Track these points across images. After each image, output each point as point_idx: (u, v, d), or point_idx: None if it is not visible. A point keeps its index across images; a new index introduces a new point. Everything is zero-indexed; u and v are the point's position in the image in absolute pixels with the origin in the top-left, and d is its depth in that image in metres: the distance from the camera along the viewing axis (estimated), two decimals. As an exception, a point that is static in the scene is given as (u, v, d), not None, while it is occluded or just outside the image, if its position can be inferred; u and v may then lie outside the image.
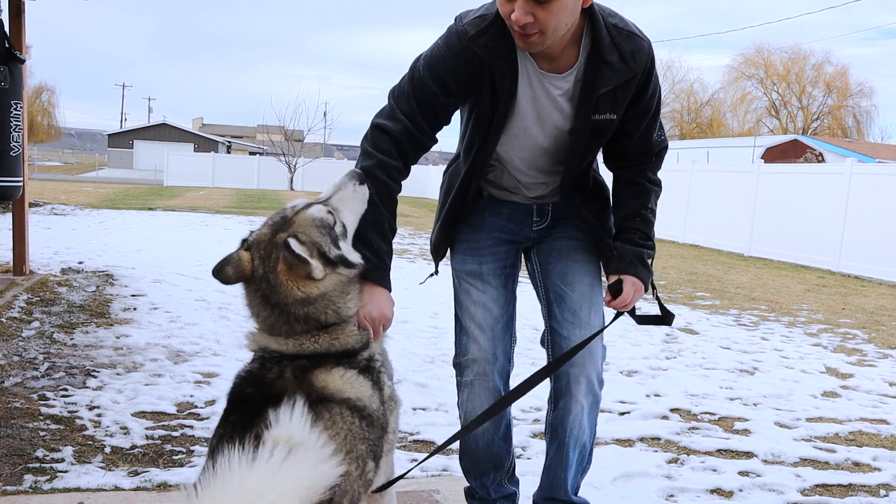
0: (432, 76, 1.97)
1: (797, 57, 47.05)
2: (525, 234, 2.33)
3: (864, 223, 11.91)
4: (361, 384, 1.70)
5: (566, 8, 1.83)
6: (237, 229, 14.20)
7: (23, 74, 5.98)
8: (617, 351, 5.68)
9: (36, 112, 52.67)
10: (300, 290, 1.68)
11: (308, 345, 1.70)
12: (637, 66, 2.00)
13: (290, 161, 40.26)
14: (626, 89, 2.01)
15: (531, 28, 1.83)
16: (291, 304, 1.68)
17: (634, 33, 2.01)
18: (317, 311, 1.70)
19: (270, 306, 1.69)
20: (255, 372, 1.69)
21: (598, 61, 1.96)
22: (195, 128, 71.91)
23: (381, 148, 1.98)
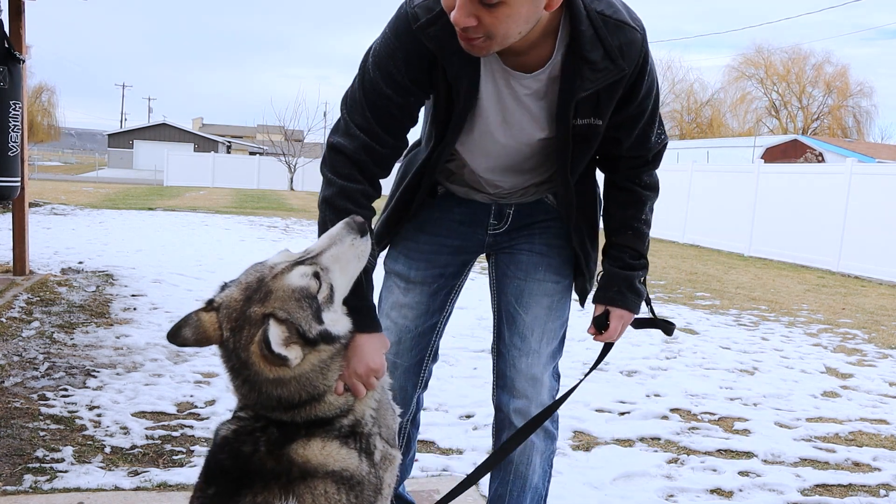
0: (383, 76, 1.69)
1: (797, 57, 47.08)
2: (478, 238, 2.07)
3: (864, 223, 11.92)
4: (345, 454, 1.52)
5: (517, 15, 1.50)
6: (237, 229, 14.20)
7: (22, 74, 5.98)
8: (617, 351, 5.65)
9: (36, 112, 52.66)
10: (273, 373, 1.47)
11: (278, 415, 1.53)
12: (626, 64, 1.66)
13: (290, 161, 40.26)
14: (612, 91, 1.70)
15: (475, 32, 1.52)
16: (263, 383, 1.49)
17: (625, 23, 1.65)
18: (290, 393, 1.50)
19: (241, 380, 1.52)
20: (230, 440, 1.53)
21: (578, 59, 1.63)
22: (195, 128, 71.92)
23: (341, 172, 1.73)
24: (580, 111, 1.72)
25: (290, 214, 19.65)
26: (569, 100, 1.68)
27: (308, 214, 19.91)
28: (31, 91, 47.78)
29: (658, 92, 1.85)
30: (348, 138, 1.74)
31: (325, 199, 1.74)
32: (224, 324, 1.48)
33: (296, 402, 1.52)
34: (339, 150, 1.75)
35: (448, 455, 3.38)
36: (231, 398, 3.86)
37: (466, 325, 6.03)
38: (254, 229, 14.44)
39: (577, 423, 3.91)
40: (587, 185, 2.01)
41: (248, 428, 1.54)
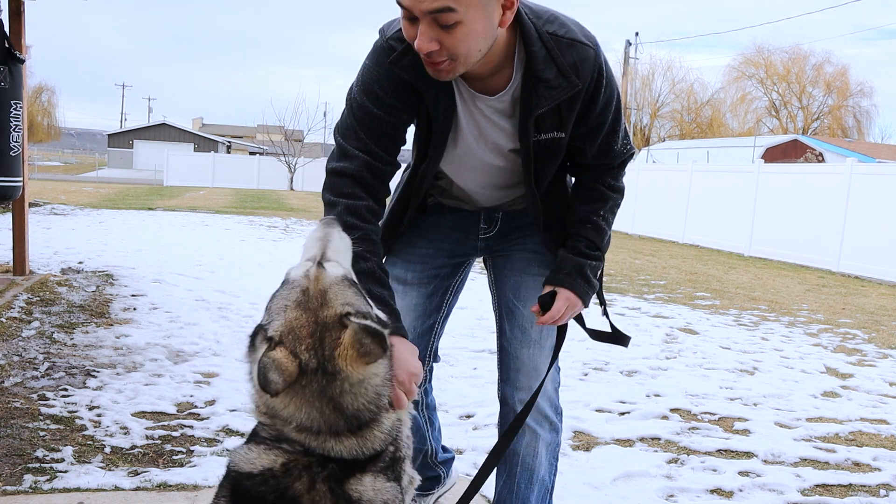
0: (371, 100, 1.79)
1: (797, 57, 47.09)
2: (471, 243, 2.17)
3: (864, 223, 11.92)
4: (390, 489, 1.45)
5: (475, 32, 1.60)
6: (237, 229, 14.21)
7: (23, 74, 5.98)
8: (617, 351, 5.68)
9: (36, 112, 52.68)
10: (359, 375, 1.38)
11: (332, 444, 1.40)
12: (581, 80, 1.77)
13: (290, 161, 40.27)
14: (570, 105, 1.80)
15: (438, 56, 1.62)
16: (346, 392, 1.38)
17: (576, 41, 1.77)
18: (364, 404, 1.41)
19: (323, 402, 1.38)
20: (277, 475, 1.37)
21: (533, 79, 1.75)
22: (195, 128, 71.96)
23: (343, 192, 1.78)
24: (543, 126, 1.83)
25: (290, 214, 19.65)
26: (527, 117, 1.80)
27: (308, 214, 19.92)
28: (31, 91, 47.77)
29: (619, 103, 1.92)
30: (347, 160, 1.81)
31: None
32: (298, 348, 1.36)
33: (365, 418, 1.42)
34: (339, 172, 1.81)
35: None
36: (230, 398, 3.87)
37: (466, 325, 6.04)
38: (254, 229, 14.44)
39: (577, 423, 3.91)
40: (561, 194, 2.09)
41: (302, 462, 1.39)
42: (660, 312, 7.51)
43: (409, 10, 1.59)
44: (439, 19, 1.56)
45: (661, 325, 6.84)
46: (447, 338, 2.55)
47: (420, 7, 1.56)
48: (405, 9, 1.60)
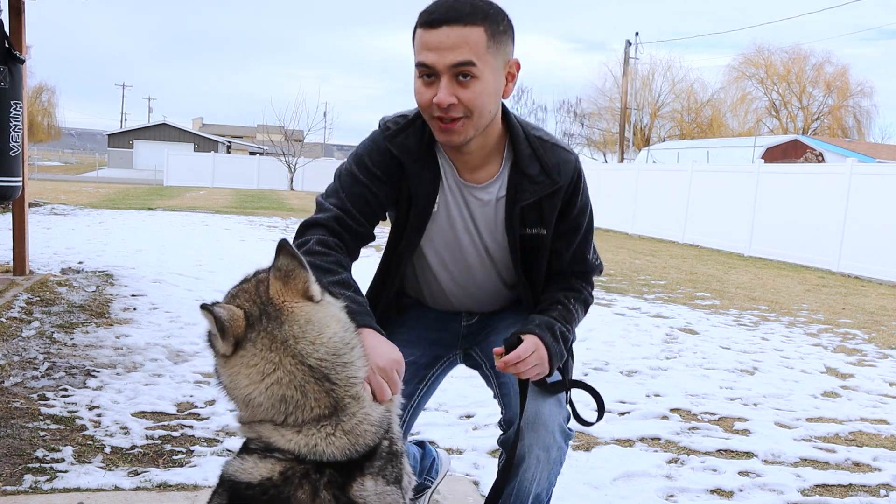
0: (359, 168, 1.93)
1: (797, 57, 47.07)
2: (454, 329, 2.17)
3: (864, 223, 11.92)
4: (391, 494, 1.42)
5: (488, 91, 1.78)
6: (237, 229, 14.21)
7: (23, 74, 5.98)
8: (617, 351, 5.68)
9: (36, 112, 52.68)
10: (302, 312, 1.39)
11: (323, 447, 1.36)
12: (562, 179, 1.93)
13: (290, 161, 40.28)
14: (551, 202, 1.94)
15: (455, 111, 1.76)
16: (299, 337, 1.37)
17: (559, 146, 1.97)
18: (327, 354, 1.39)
19: (279, 352, 1.37)
20: (277, 483, 1.33)
21: (519, 174, 1.92)
22: (195, 128, 71.96)
23: (314, 233, 1.87)
24: (527, 221, 1.95)
25: (290, 214, 19.66)
26: (512, 208, 1.93)
27: (308, 214, 19.86)
28: (31, 91, 47.78)
29: (592, 218, 2.07)
30: (321, 212, 1.93)
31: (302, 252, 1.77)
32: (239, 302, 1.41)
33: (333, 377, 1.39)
34: (311, 223, 1.91)
35: (449, 454, 3.38)
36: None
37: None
38: (254, 229, 14.45)
39: (577, 422, 3.90)
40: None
41: (298, 470, 1.35)
42: (660, 312, 7.51)
43: (432, 67, 1.74)
44: (460, 72, 1.73)
45: (661, 325, 6.84)
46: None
47: (444, 62, 1.73)
48: (427, 67, 1.75)
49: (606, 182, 20.69)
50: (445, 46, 1.73)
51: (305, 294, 1.41)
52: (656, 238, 17.68)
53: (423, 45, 1.76)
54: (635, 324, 6.80)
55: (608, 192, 20.28)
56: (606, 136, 48.23)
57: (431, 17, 1.75)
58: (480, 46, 1.74)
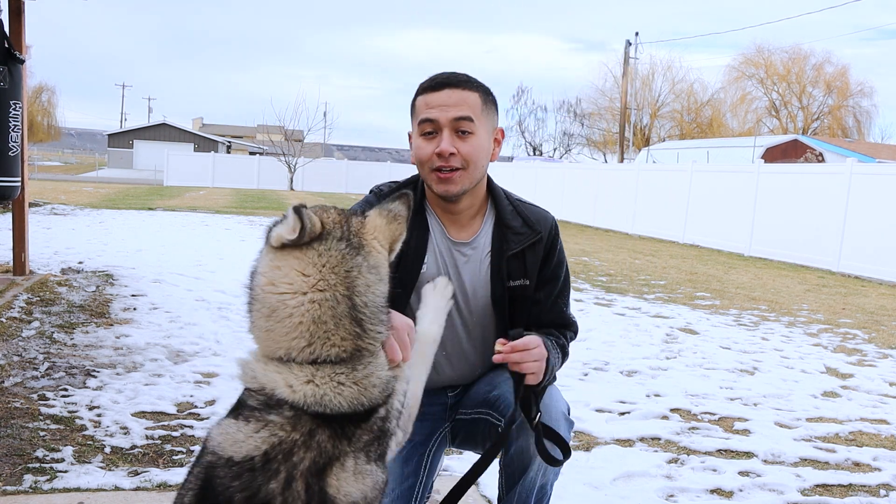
0: None
1: (797, 57, 47.08)
2: (441, 401, 2.21)
3: (864, 223, 11.92)
4: (372, 479, 1.36)
5: (482, 147, 2.00)
6: (237, 229, 14.21)
7: (23, 74, 5.98)
8: (617, 351, 5.68)
9: (36, 112, 52.68)
10: (379, 256, 1.41)
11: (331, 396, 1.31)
12: (542, 230, 2.12)
13: (290, 161, 40.27)
14: (534, 252, 2.11)
15: (455, 161, 1.96)
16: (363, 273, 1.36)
17: (536, 206, 2.20)
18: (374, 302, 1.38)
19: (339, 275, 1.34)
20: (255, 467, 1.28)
21: (503, 227, 2.11)
22: (195, 128, 71.96)
23: None
24: (512, 273, 2.09)
25: (290, 214, 19.64)
26: (500, 259, 2.09)
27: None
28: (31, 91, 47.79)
29: (568, 275, 2.22)
30: None
31: None
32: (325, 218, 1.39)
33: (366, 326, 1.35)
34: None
35: (448, 455, 3.38)
36: (230, 398, 3.86)
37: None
38: (254, 229, 14.45)
39: (577, 423, 3.89)
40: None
41: (286, 444, 1.29)
42: (660, 312, 7.51)
43: (436, 121, 1.97)
44: (460, 127, 1.97)
45: (661, 325, 6.85)
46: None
47: (447, 116, 1.97)
48: (432, 122, 1.98)
49: (606, 182, 20.69)
50: (448, 104, 1.98)
51: (391, 245, 1.46)
52: (656, 238, 17.68)
53: (426, 105, 2.00)
54: (635, 324, 6.80)
55: (608, 192, 20.29)
56: (606, 136, 48.25)
57: (434, 82, 2.01)
58: (477, 108, 2.00)
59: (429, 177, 2.03)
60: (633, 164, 23.93)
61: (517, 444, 2.02)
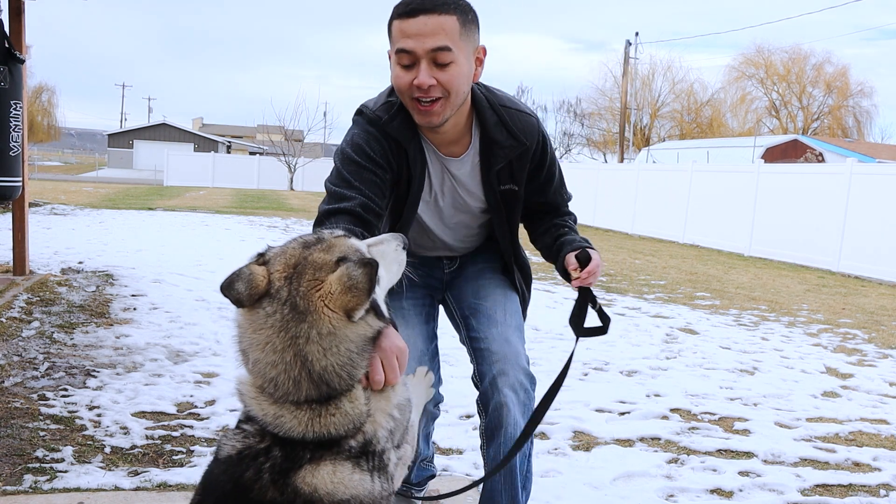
0: (363, 158, 2.02)
1: (797, 57, 47.06)
2: (438, 276, 2.41)
3: (864, 223, 11.92)
4: (357, 480, 1.37)
5: (462, 73, 1.95)
6: (237, 229, 14.20)
7: (23, 74, 5.98)
8: (617, 351, 5.68)
9: (36, 112, 52.67)
10: (331, 324, 1.34)
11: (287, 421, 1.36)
12: (528, 140, 2.15)
13: (290, 161, 40.26)
14: (521, 162, 2.17)
15: (434, 91, 1.93)
16: (313, 341, 1.33)
17: (521, 111, 2.17)
18: (334, 365, 1.35)
19: (285, 342, 1.34)
20: (233, 461, 1.37)
21: (489, 141, 2.12)
22: (195, 128, 71.95)
23: (339, 221, 1.89)
24: (500, 179, 2.18)
25: (290, 214, 19.66)
26: (488, 171, 2.16)
27: (308, 214, 19.90)
28: (31, 91, 47.78)
29: (559, 168, 2.33)
30: (344, 200, 1.95)
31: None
32: (276, 274, 1.36)
33: (333, 383, 1.35)
34: (336, 211, 1.94)
35: (448, 455, 3.38)
36: (230, 398, 3.87)
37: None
38: (254, 229, 14.44)
39: (577, 423, 3.91)
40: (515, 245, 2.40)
41: (253, 449, 1.37)
42: (660, 312, 7.51)
43: (412, 52, 1.90)
44: (437, 58, 1.90)
45: (661, 325, 6.84)
46: (447, 338, 2.55)
47: (424, 47, 1.89)
48: (408, 53, 1.90)
49: (606, 182, 20.69)
50: (424, 33, 1.89)
51: (348, 312, 1.34)
52: (656, 238, 17.68)
53: (402, 33, 1.91)
54: (635, 324, 6.80)
55: (608, 192, 20.28)
56: (606, 136, 48.22)
57: (409, 8, 1.90)
58: (455, 33, 1.91)
59: (409, 105, 1.99)
60: (633, 164, 23.92)
61: (495, 401, 2.18)
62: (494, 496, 2.25)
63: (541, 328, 6.24)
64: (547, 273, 9.91)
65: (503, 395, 2.16)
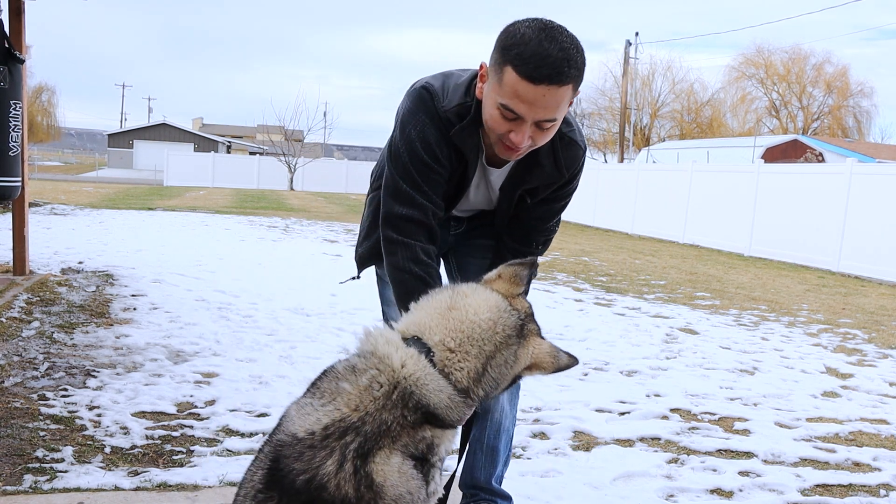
0: (432, 159, 2.06)
1: (797, 57, 47.07)
2: (444, 238, 2.42)
3: (864, 223, 11.92)
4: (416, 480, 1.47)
5: (557, 128, 1.97)
6: (237, 229, 14.21)
7: (23, 74, 5.98)
8: (617, 351, 5.68)
9: (36, 112, 52.68)
10: (513, 366, 1.58)
11: (464, 365, 1.52)
12: (566, 174, 2.17)
13: (290, 161, 40.26)
14: (548, 188, 2.20)
15: (525, 147, 1.94)
16: (504, 364, 1.56)
17: (575, 141, 2.15)
18: (490, 381, 1.56)
19: (492, 349, 1.55)
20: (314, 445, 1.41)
21: (533, 163, 2.12)
22: (195, 128, 71.95)
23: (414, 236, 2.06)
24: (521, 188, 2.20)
25: (290, 214, 19.65)
26: (516, 188, 2.19)
27: (308, 214, 19.91)
28: (31, 91, 47.78)
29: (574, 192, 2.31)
30: (416, 208, 2.06)
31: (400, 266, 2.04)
32: (522, 312, 1.61)
33: (481, 384, 1.54)
34: (409, 218, 2.06)
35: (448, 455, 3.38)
36: (230, 398, 3.87)
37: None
38: (254, 229, 14.45)
39: (577, 423, 3.91)
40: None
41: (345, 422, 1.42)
42: (660, 312, 7.51)
43: (520, 115, 1.85)
44: (542, 125, 1.89)
45: (661, 325, 6.84)
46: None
47: (534, 117, 1.86)
48: (515, 113, 1.85)
49: (606, 182, 20.69)
50: (539, 105, 1.83)
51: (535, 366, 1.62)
52: (656, 238, 17.68)
53: (516, 94, 1.82)
54: (635, 324, 6.80)
55: (608, 192, 20.28)
56: (606, 136, 48.23)
57: (536, 73, 1.78)
58: (566, 102, 1.88)
59: (493, 139, 1.98)
60: (633, 164, 23.92)
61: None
62: (475, 472, 2.45)
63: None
64: (547, 273, 9.91)
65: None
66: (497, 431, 2.44)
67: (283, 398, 3.84)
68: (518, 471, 3.18)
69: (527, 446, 3.56)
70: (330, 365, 1.53)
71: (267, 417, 3.66)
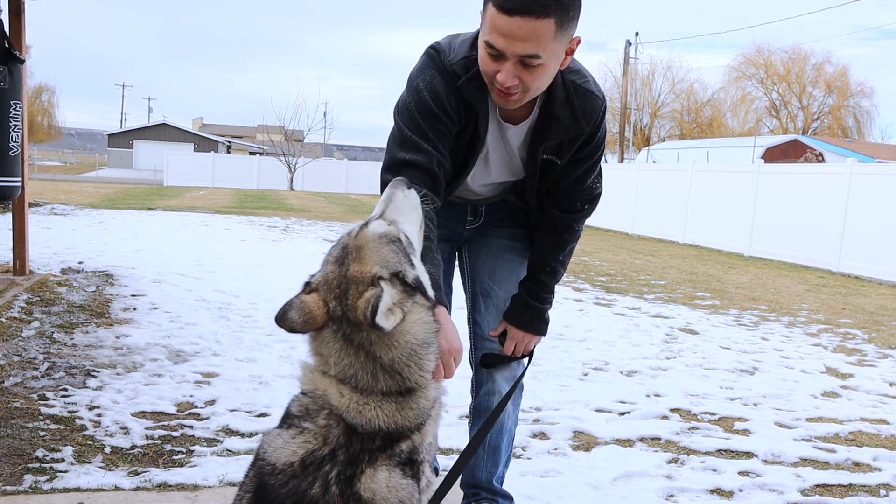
0: (440, 110, 2.03)
1: (797, 57, 47.09)
2: (459, 231, 2.46)
3: (864, 223, 11.92)
4: (406, 487, 1.46)
5: (548, 71, 1.90)
6: (237, 229, 14.21)
7: (23, 74, 5.98)
8: (617, 351, 5.68)
9: (36, 112, 52.70)
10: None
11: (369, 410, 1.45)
12: (587, 125, 2.12)
13: (290, 161, 40.26)
14: (572, 142, 2.15)
15: (515, 88, 1.88)
16: (375, 342, 1.45)
17: (591, 91, 2.11)
18: (401, 358, 1.47)
19: (354, 348, 1.46)
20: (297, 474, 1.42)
21: (550, 117, 2.09)
22: (195, 128, 71.97)
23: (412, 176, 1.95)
24: (546, 150, 2.17)
25: (290, 214, 19.65)
26: (537, 147, 2.15)
27: (308, 214, 19.91)
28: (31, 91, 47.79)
29: (604, 148, 2.29)
30: (421, 153, 2.01)
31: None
32: (328, 297, 1.48)
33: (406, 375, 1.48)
34: (412, 164, 2.00)
35: (448, 455, 3.38)
36: (230, 398, 3.87)
37: (464, 324, 6.03)
38: (254, 229, 14.45)
39: (577, 423, 3.91)
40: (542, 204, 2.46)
41: (318, 455, 1.42)
42: (660, 312, 7.51)
43: (500, 51, 1.82)
44: (525, 61, 1.82)
45: (661, 325, 6.84)
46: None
47: (513, 50, 1.80)
48: (495, 48, 1.83)
49: (606, 182, 20.35)
50: (516, 36, 1.78)
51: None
52: (656, 238, 17.68)
53: (494, 28, 1.81)
54: (635, 324, 6.80)
55: (608, 192, 19.89)
56: (606, 136, 48.20)
57: (510, 3, 1.76)
58: (549, 38, 1.80)
59: (488, 84, 1.96)
60: (633, 164, 23.92)
61: (487, 387, 2.38)
62: (476, 472, 2.47)
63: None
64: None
65: (496, 384, 2.36)
66: (499, 431, 2.44)
67: (283, 398, 3.83)
68: (518, 471, 3.18)
69: (527, 446, 3.55)
70: (288, 404, 1.54)
71: (267, 417, 3.66)
